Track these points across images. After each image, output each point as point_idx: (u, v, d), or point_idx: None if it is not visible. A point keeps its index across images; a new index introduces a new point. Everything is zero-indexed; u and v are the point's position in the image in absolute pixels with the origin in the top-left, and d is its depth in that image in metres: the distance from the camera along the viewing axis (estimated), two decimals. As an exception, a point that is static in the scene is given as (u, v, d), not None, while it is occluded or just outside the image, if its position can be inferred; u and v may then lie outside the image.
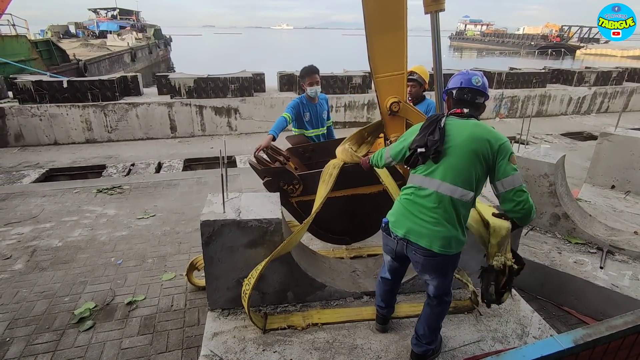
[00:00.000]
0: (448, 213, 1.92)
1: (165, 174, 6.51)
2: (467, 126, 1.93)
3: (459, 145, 1.89)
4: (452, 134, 1.92)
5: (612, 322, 1.18)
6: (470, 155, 1.87)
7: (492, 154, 1.87)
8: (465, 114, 1.99)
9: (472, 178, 1.89)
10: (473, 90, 2.01)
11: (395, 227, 2.04)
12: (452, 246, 1.95)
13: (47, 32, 25.72)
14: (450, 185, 1.90)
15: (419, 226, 1.95)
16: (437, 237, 1.92)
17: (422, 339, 2.20)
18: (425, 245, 1.93)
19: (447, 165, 1.91)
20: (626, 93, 12.81)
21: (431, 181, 1.94)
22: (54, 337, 2.71)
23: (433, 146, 1.90)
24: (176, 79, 8.88)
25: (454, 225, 1.94)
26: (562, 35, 58.24)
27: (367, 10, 2.69)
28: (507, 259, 2.09)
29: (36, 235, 4.12)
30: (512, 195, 1.86)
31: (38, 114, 7.94)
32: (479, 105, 2.04)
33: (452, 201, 1.91)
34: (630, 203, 4.61)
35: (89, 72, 17.08)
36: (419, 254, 1.98)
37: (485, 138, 1.88)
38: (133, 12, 39.95)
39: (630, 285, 2.97)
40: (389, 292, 2.39)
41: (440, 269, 2.04)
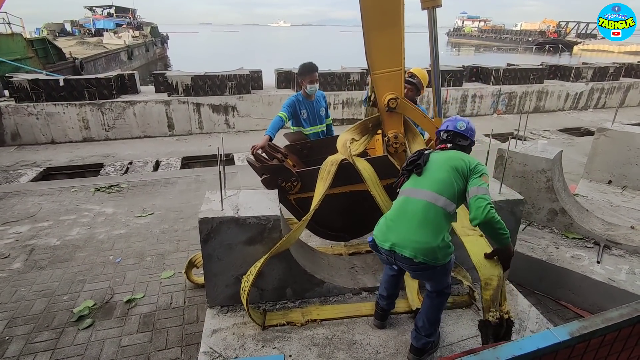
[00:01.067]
0: (432, 222, 2.02)
1: (163, 172, 6.50)
2: (449, 152, 2.21)
3: (441, 162, 2.14)
4: (435, 159, 2.19)
5: (607, 315, 1.19)
6: (452, 170, 2.08)
7: (469, 170, 2.08)
8: (449, 148, 2.26)
9: (454, 190, 2.06)
10: (457, 134, 2.28)
11: (381, 242, 2.12)
12: (438, 257, 2.01)
13: (42, 31, 25.55)
14: (435, 194, 2.05)
15: (402, 238, 2.03)
16: (421, 248, 1.99)
17: (421, 331, 2.22)
18: (409, 255, 2.00)
19: (431, 177, 2.11)
20: (623, 88, 12.84)
21: (418, 191, 2.10)
22: (53, 336, 2.71)
23: (411, 159, 2.17)
24: (173, 76, 8.85)
25: (436, 235, 2.01)
26: (560, 31, 58.27)
27: (364, 6, 2.69)
28: (503, 312, 2.10)
29: (34, 234, 4.11)
30: (474, 201, 1.96)
31: (35, 112, 7.91)
32: (463, 147, 2.27)
33: (436, 210, 2.03)
34: (626, 198, 4.63)
35: (85, 71, 16.98)
36: (407, 265, 2.07)
37: (464, 159, 2.12)
38: (129, 10, 39.71)
39: (627, 279, 2.99)
40: (394, 278, 2.42)
41: (434, 277, 2.14)
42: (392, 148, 3.05)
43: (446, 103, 10.84)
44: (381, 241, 2.12)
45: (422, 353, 2.23)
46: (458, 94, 10.96)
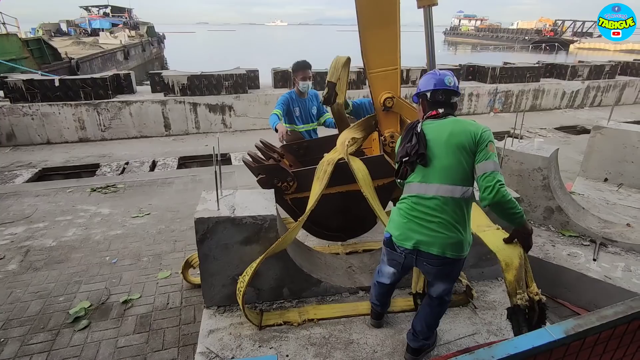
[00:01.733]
0: (455, 215, 1.89)
1: (160, 172, 6.48)
2: (447, 124, 1.94)
3: (444, 144, 1.89)
4: (433, 136, 1.93)
5: (602, 313, 1.19)
6: (458, 150, 1.86)
7: (475, 142, 1.86)
8: (442, 114, 2.00)
9: (467, 172, 1.88)
10: (447, 91, 2.01)
11: (402, 241, 1.98)
12: (464, 249, 1.95)
13: (38, 31, 25.42)
14: (448, 186, 1.87)
15: (428, 235, 1.90)
16: (449, 243, 1.89)
17: (419, 335, 2.20)
18: (437, 253, 1.90)
19: (439, 167, 1.89)
20: (619, 86, 12.89)
21: (428, 186, 1.91)
22: (49, 337, 2.70)
23: (413, 151, 1.91)
24: (170, 76, 8.82)
25: (463, 227, 1.92)
26: (556, 29, 58.42)
27: (359, 5, 2.69)
28: (532, 293, 1.94)
29: (30, 235, 4.09)
30: (482, 180, 1.82)
31: (30, 113, 7.86)
32: (454, 104, 2.06)
33: (455, 201, 1.89)
34: (622, 195, 4.65)
35: (81, 71, 16.91)
36: (432, 264, 1.96)
37: (467, 130, 1.89)
38: (125, 10, 39.57)
39: (623, 277, 3.00)
40: (385, 294, 2.38)
41: (453, 273, 2.05)
42: (388, 147, 3.05)
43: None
44: (402, 240, 1.97)
45: (419, 353, 2.23)
46: (455, 92, 10.95)
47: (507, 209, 1.81)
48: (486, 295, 2.85)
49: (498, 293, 2.87)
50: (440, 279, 2.04)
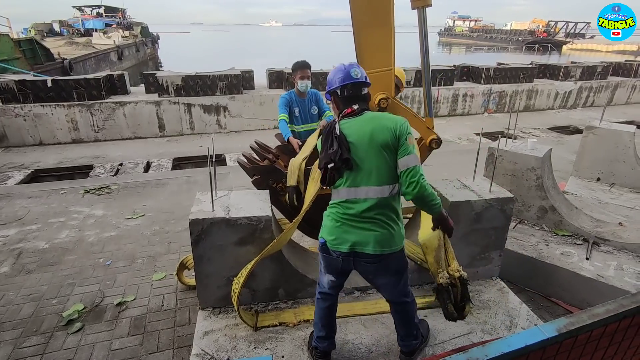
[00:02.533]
0: (385, 214, 1.89)
1: (154, 173, 6.45)
2: (366, 123, 1.88)
3: (367, 146, 1.85)
4: (355, 138, 1.87)
5: (594, 311, 1.20)
6: (382, 150, 1.84)
7: (396, 138, 1.84)
8: (357, 110, 1.93)
9: (393, 170, 1.87)
10: (356, 84, 1.95)
11: (337, 245, 1.94)
12: (397, 242, 1.94)
13: (30, 31, 25.19)
14: (377, 188, 1.87)
15: (361, 235, 1.89)
16: (382, 240, 1.89)
17: (406, 339, 2.20)
18: (372, 251, 1.89)
19: (366, 169, 1.86)
20: (611, 87, 13.04)
21: (357, 190, 1.89)
22: (42, 340, 2.67)
23: (336, 157, 1.84)
24: (164, 77, 8.79)
25: (394, 222, 1.92)
26: (549, 30, 58.98)
27: (354, 6, 2.70)
28: (453, 270, 2.06)
29: (22, 237, 4.05)
30: (405, 175, 1.82)
31: (22, 114, 7.79)
32: (366, 96, 2.00)
33: (384, 201, 1.88)
34: (614, 195, 4.70)
35: (74, 71, 16.78)
36: (369, 262, 1.93)
37: (386, 126, 1.85)
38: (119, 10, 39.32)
39: (615, 275, 3.04)
40: (329, 309, 2.19)
41: (393, 268, 2.00)
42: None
43: (437, 102, 10.91)
44: (337, 244, 1.94)
45: (413, 353, 2.23)
46: (449, 93, 11.03)
47: (428, 201, 1.86)
48: (481, 294, 2.86)
49: (492, 293, 2.88)
50: (382, 275, 2.01)
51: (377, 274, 2.00)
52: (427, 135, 3.06)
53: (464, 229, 2.80)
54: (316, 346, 2.21)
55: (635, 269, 3.11)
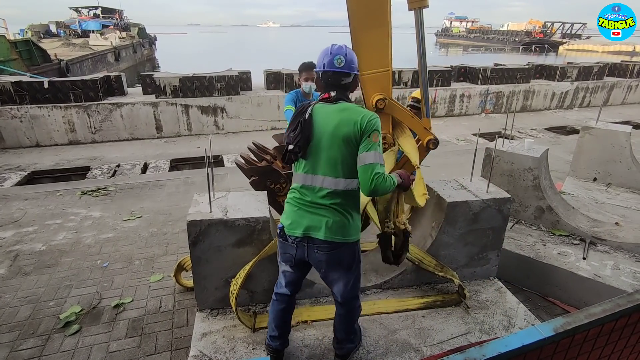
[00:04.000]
0: (342, 201, 1.89)
1: (152, 175, 6.43)
2: (335, 113, 1.85)
3: (330, 136, 1.83)
4: (321, 125, 1.85)
5: (591, 310, 1.21)
6: (343, 143, 1.81)
7: (360, 133, 1.80)
8: (334, 98, 1.90)
9: (352, 165, 1.84)
10: (336, 73, 1.88)
11: (292, 229, 1.93)
12: (351, 233, 1.92)
13: (27, 32, 25.08)
14: (333, 179, 1.86)
15: (315, 220, 1.88)
16: (334, 227, 1.87)
17: (343, 342, 2.20)
18: (325, 237, 1.87)
19: (324, 158, 1.85)
20: (607, 87, 13.11)
21: (314, 177, 1.89)
22: (39, 343, 2.66)
23: (295, 141, 1.84)
24: (161, 78, 8.77)
25: (350, 212, 1.91)
26: (545, 31, 59.24)
27: (351, 7, 2.70)
28: (399, 222, 2.14)
29: (19, 239, 4.03)
30: (361, 171, 1.80)
31: (18, 115, 7.76)
32: (347, 85, 1.93)
33: (339, 193, 1.88)
34: (611, 195, 4.72)
35: (71, 72, 16.72)
36: (321, 249, 1.91)
37: (352, 120, 1.81)
38: (116, 11, 39.24)
39: (612, 275, 3.05)
40: (284, 311, 2.17)
41: (344, 260, 1.97)
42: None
43: (434, 103, 10.94)
44: (292, 228, 1.92)
45: (346, 357, 2.24)
46: (446, 93, 11.06)
47: (384, 193, 1.88)
48: (478, 294, 2.87)
49: (490, 293, 2.89)
50: (334, 267, 1.97)
51: (328, 266, 1.96)
52: (425, 135, 3.06)
53: (461, 229, 2.81)
54: (269, 344, 2.23)
55: (631, 269, 3.12)
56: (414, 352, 2.34)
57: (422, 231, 3.00)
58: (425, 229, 2.97)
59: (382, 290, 2.88)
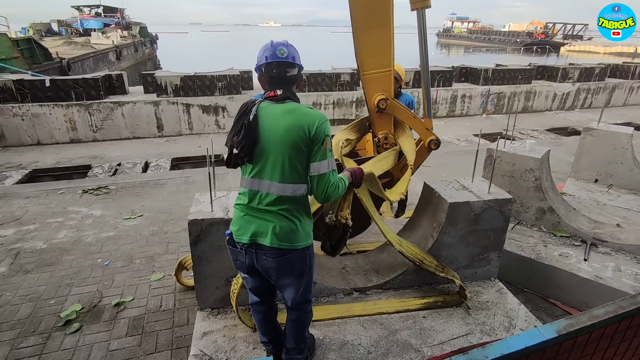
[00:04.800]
0: (288, 210, 1.81)
1: (153, 174, 6.43)
2: (283, 116, 1.74)
3: (278, 141, 1.72)
4: (268, 128, 1.74)
5: (593, 312, 1.20)
6: (291, 150, 1.73)
7: (310, 139, 1.73)
8: (280, 97, 1.78)
9: (300, 170, 1.78)
10: (280, 64, 1.78)
11: (240, 235, 1.84)
12: (299, 238, 1.83)
13: (28, 30, 25.12)
14: (280, 185, 1.76)
15: (262, 226, 1.80)
16: (282, 234, 1.79)
17: (291, 352, 2.12)
18: (271, 244, 1.78)
19: (271, 163, 1.75)
20: (608, 89, 13.08)
21: (261, 182, 1.79)
22: (40, 341, 2.66)
23: (239, 147, 1.73)
24: (162, 77, 8.77)
25: (298, 217, 1.83)
26: (547, 32, 59.14)
27: (353, 7, 2.70)
28: (342, 216, 2.21)
29: (20, 237, 4.03)
30: (314, 181, 1.79)
31: (20, 113, 7.76)
32: (292, 79, 1.83)
33: (287, 198, 1.79)
34: (612, 196, 4.71)
35: (72, 71, 16.74)
36: (269, 257, 1.82)
37: (300, 125, 1.71)
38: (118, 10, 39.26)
39: (613, 276, 3.04)
40: (265, 320, 2.14)
41: (295, 267, 1.88)
42: (382, 149, 3.06)
43: (436, 103, 10.92)
44: (240, 235, 1.83)
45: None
46: (448, 94, 11.05)
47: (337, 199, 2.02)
48: (479, 295, 2.87)
49: (491, 294, 2.89)
50: (284, 274, 1.88)
51: (278, 272, 1.87)
52: (426, 136, 3.06)
53: (462, 230, 2.80)
54: (265, 347, 2.26)
55: (632, 270, 3.12)
56: (414, 353, 2.34)
57: (423, 232, 3.00)
58: (426, 230, 2.96)
59: (383, 290, 2.87)
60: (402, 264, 2.88)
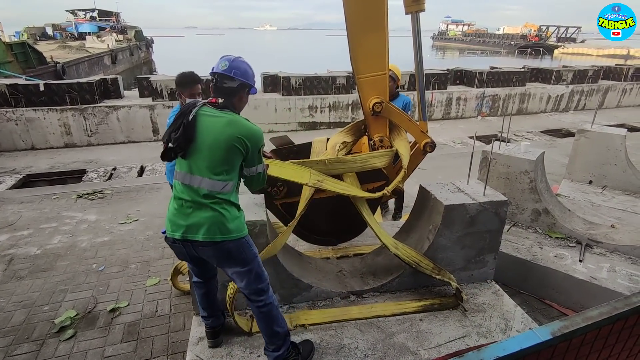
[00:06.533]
0: (217, 202, 1.91)
1: (148, 178, 6.40)
2: (219, 125, 1.89)
3: (212, 141, 1.86)
4: (205, 129, 1.88)
5: (588, 314, 1.21)
6: (226, 153, 1.88)
7: (245, 149, 1.92)
8: (220, 105, 1.95)
9: (230, 169, 1.93)
10: (220, 75, 1.95)
11: (173, 232, 1.94)
12: (231, 230, 1.93)
13: (22, 34, 25.04)
14: (209, 181, 1.89)
15: (192, 222, 1.90)
16: (214, 227, 1.89)
17: (267, 348, 2.18)
18: (203, 238, 1.89)
19: (203, 160, 1.88)
20: (602, 91, 13.20)
21: (192, 177, 1.91)
22: (34, 348, 2.63)
23: (176, 143, 1.86)
24: (158, 80, 8.76)
25: (226, 210, 1.93)
26: (541, 34, 59.71)
27: (348, 11, 2.71)
28: None
29: (13, 243, 4.00)
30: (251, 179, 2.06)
31: (14, 118, 7.71)
32: (232, 90, 1.97)
33: (216, 193, 1.91)
34: (606, 197, 4.75)
35: (67, 75, 16.67)
36: (206, 250, 1.94)
37: (238, 138, 1.88)
38: (113, 14, 39.24)
39: (608, 277, 3.06)
40: (205, 295, 2.29)
41: (236, 256, 1.99)
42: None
43: (431, 106, 10.97)
44: (173, 231, 1.93)
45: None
46: (443, 96, 11.10)
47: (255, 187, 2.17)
48: (476, 297, 2.87)
49: (487, 296, 2.89)
50: (227, 264, 2.02)
51: (219, 261, 2.02)
52: (421, 138, 3.07)
53: (458, 232, 2.81)
54: (205, 323, 2.35)
55: (627, 271, 3.14)
56: (411, 356, 2.33)
57: (419, 234, 3.00)
58: (422, 232, 2.97)
59: (379, 293, 2.87)
60: (398, 267, 2.88)
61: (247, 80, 2.01)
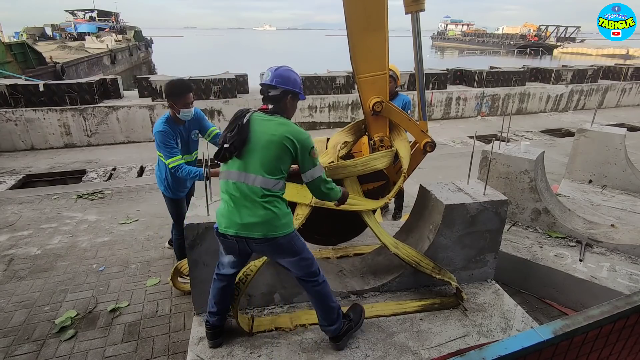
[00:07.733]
0: (269, 201, 2.02)
1: (148, 178, 6.40)
2: (271, 127, 2.03)
3: (265, 142, 2.00)
4: (260, 132, 2.02)
5: (589, 313, 1.21)
6: (278, 150, 2.00)
7: (295, 149, 2.03)
8: (270, 110, 2.10)
9: (281, 168, 2.05)
10: (265, 85, 2.11)
11: (226, 228, 2.05)
12: (279, 228, 2.04)
13: (22, 35, 25.03)
14: (263, 179, 2.00)
15: (247, 220, 2.00)
16: (266, 222, 2.00)
17: (325, 328, 2.30)
18: (259, 235, 2.01)
19: (257, 159, 2.00)
20: (601, 90, 13.21)
21: (247, 175, 2.01)
22: (34, 348, 2.63)
23: (231, 142, 1.99)
24: (157, 81, 8.76)
25: (277, 208, 2.04)
26: (540, 34, 59.74)
27: (348, 10, 2.71)
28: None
29: (13, 243, 3.99)
30: (310, 186, 2.15)
31: (13, 118, 7.71)
32: (276, 98, 2.09)
33: (268, 191, 2.02)
34: (606, 197, 4.75)
35: (66, 75, 16.66)
36: (259, 244, 2.05)
37: (287, 136, 2.00)
38: (112, 14, 39.24)
39: (608, 277, 3.06)
40: (225, 289, 2.30)
41: (286, 249, 2.12)
42: (378, 151, 3.06)
43: (431, 106, 10.98)
44: (227, 227, 2.05)
45: (339, 340, 2.32)
46: (442, 96, 11.11)
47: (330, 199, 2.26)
48: (476, 297, 2.87)
49: (488, 295, 2.89)
50: (280, 256, 2.16)
51: (273, 255, 2.18)
52: (421, 138, 3.07)
53: (458, 232, 2.81)
54: (207, 320, 2.34)
55: (627, 270, 3.14)
56: (412, 355, 2.33)
57: (419, 234, 3.00)
58: (422, 232, 2.97)
59: (380, 293, 2.87)
60: (398, 267, 2.88)
61: (289, 87, 2.10)
